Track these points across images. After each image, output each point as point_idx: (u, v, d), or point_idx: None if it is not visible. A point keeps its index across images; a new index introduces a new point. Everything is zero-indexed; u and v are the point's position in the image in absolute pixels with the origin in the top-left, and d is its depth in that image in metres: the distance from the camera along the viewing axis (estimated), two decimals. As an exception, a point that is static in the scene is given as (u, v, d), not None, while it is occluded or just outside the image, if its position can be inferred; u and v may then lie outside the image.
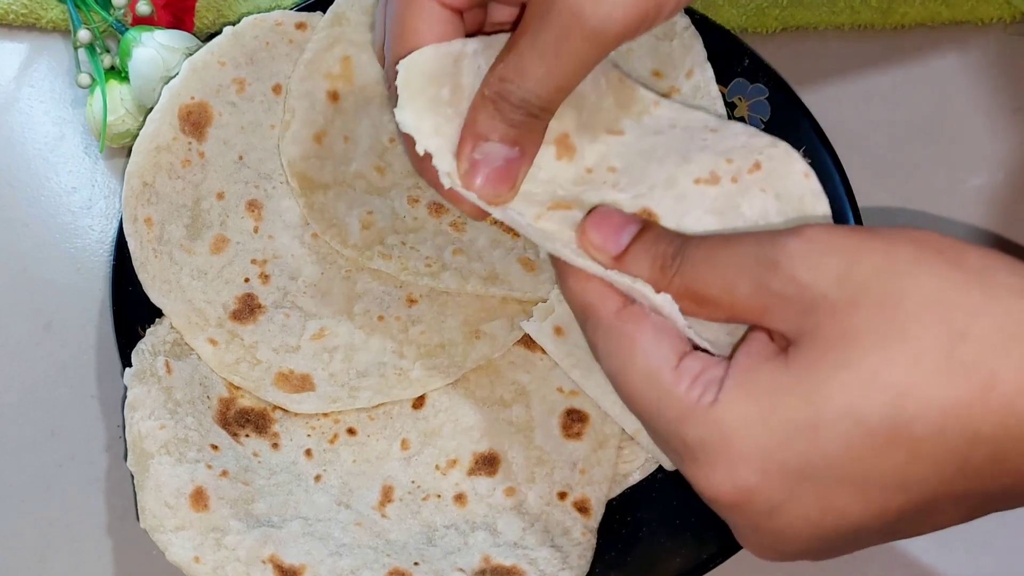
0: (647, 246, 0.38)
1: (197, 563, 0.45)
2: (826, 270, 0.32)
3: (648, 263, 0.37)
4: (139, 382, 0.48)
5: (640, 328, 0.37)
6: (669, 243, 0.37)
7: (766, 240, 0.34)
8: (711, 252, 0.36)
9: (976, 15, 0.58)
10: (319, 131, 0.52)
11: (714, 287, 0.35)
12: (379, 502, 0.48)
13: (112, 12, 0.55)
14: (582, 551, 0.48)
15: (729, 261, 0.35)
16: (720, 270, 0.35)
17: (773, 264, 0.33)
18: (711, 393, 0.34)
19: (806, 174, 0.41)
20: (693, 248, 0.36)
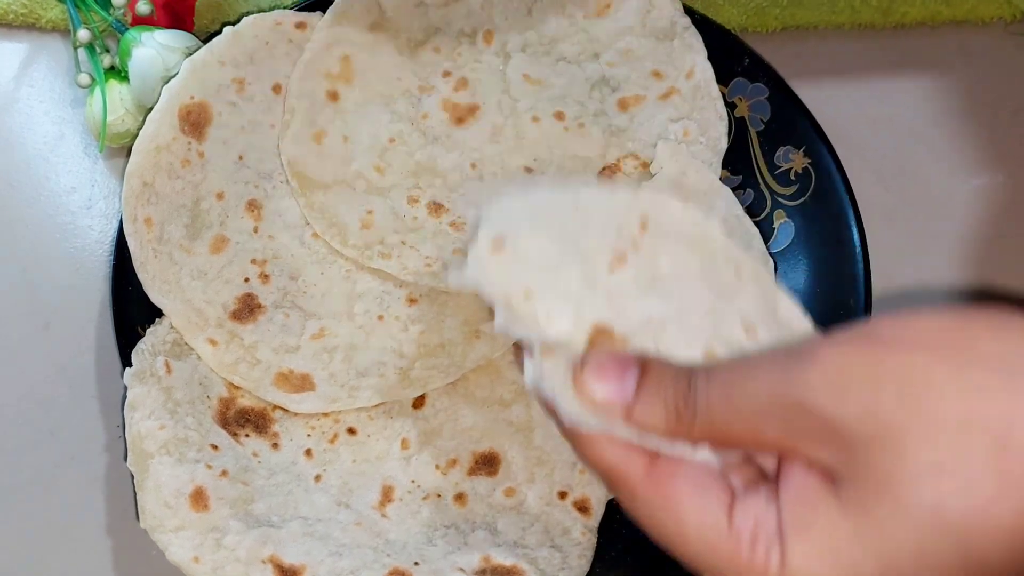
0: (655, 393, 0.34)
1: (197, 563, 0.45)
2: (852, 406, 0.31)
3: (662, 413, 0.34)
4: (139, 382, 0.48)
5: (679, 489, 0.34)
6: (676, 385, 0.34)
7: (782, 375, 0.32)
8: (726, 394, 0.33)
9: (977, 14, 0.58)
10: (319, 131, 0.52)
11: (737, 431, 0.33)
12: (379, 502, 0.48)
13: (112, 12, 0.55)
14: (582, 551, 0.48)
15: (749, 405, 0.32)
16: (742, 415, 0.33)
17: (798, 406, 0.31)
18: (775, 553, 0.32)
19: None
20: (704, 390, 0.34)
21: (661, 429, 0.34)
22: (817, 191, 0.52)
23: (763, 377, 0.32)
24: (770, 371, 0.32)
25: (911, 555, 0.30)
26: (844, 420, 0.31)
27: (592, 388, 0.35)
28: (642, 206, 0.39)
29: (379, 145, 0.53)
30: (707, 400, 0.33)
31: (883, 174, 0.57)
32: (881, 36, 0.59)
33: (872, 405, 0.30)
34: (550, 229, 0.36)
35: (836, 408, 0.31)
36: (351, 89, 0.52)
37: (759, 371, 0.33)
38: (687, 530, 0.34)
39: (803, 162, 0.53)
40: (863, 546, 0.31)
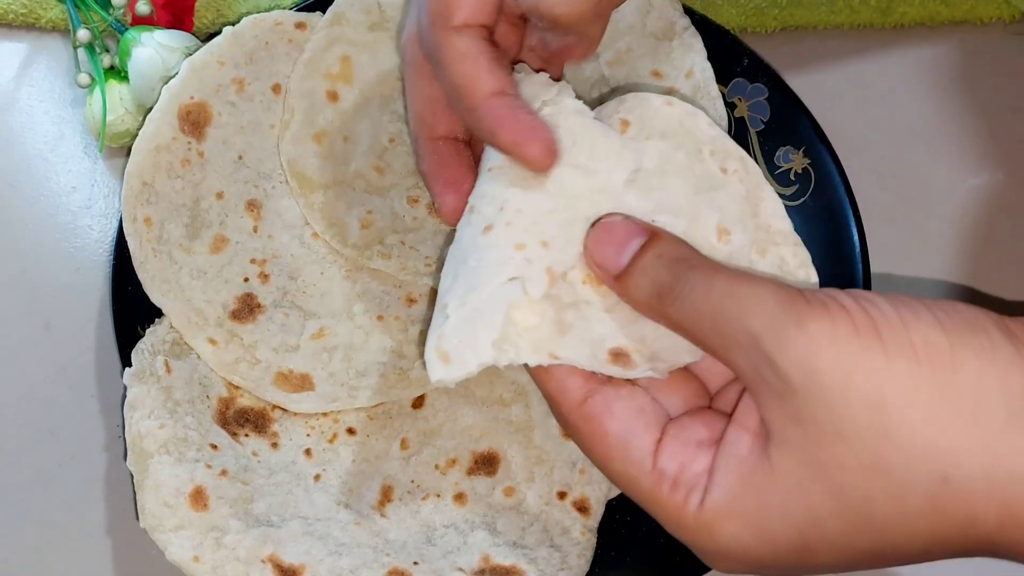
0: (647, 268, 0.36)
1: (196, 562, 0.45)
2: (822, 386, 0.31)
3: (647, 288, 0.36)
4: (139, 382, 0.48)
5: (606, 425, 0.36)
6: (672, 269, 0.35)
7: (772, 326, 0.32)
8: (715, 308, 0.34)
9: (975, 14, 0.58)
10: (319, 131, 0.52)
11: (707, 342, 0.34)
12: (378, 502, 0.48)
13: (111, 12, 0.55)
14: (581, 551, 0.48)
15: (729, 330, 0.33)
16: (719, 335, 0.34)
17: (771, 359, 0.32)
18: (696, 495, 0.34)
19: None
20: (697, 289, 0.34)
21: (640, 303, 0.36)
22: (817, 191, 0.52)
23: (754, 308, 0.33)
24: (763, 308, 0.33)
25: (817, 516, 0.32)
26: (805, 396, 0.32)
27: (593, 247, 0.37)
28: (625, 106, 0.39)
29: (379, 145, 0.53)
30: (693, 297, 0.34)
31: (883, 174, 0.57)
32: (880, 36, 0.59)
33: (837, 396, 0.31)
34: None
35: (802, 382, 0.31)
36: (351, 89, 0.52)
37: (754, 300, 0.33)
38: (613, 466, 0.36)
39: (803, 162, 0.53)
40: (781, 500, 0.32)
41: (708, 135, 0.40)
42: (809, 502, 0.32)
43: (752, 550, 0.33)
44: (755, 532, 0.33)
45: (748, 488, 0.33)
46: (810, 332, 0.31)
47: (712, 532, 0.34)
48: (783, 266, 0.40)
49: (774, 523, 0.33)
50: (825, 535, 0.32)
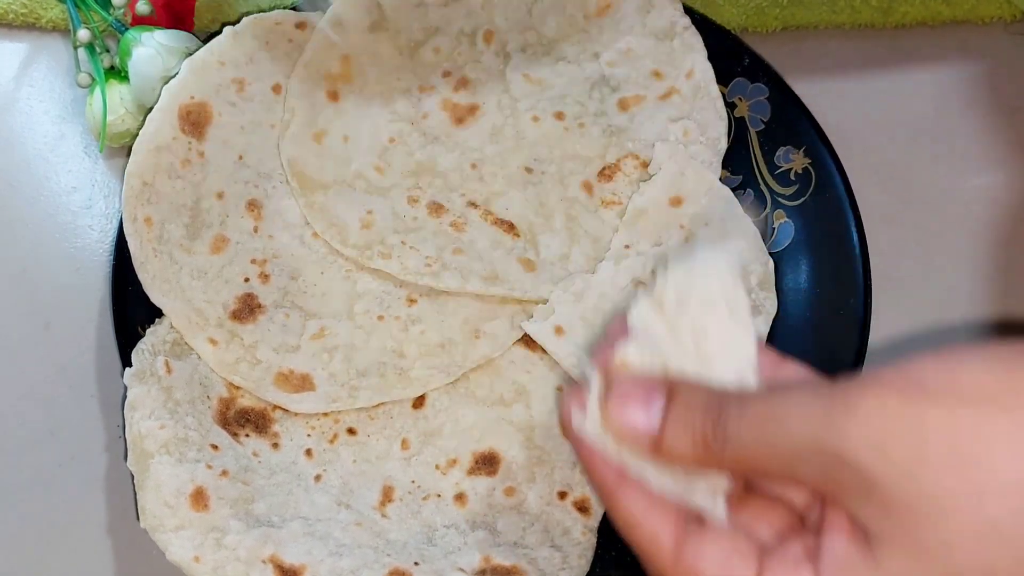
0: (682, 421, 0.34)
1: (197, 563, 0.45)
2: (895, 466, 0.29)
3: (689, 443, 0.33)
4: (139, 382, 0.48)
5: (705, 569, 0.34)
6: (706, 413, 0.33)
7: (820, 420, 0.30)
8: (760, 430, 0.32)
9: (977, 14, 0.58)
10: (319, 131, 0.52)
11: (770, 468, 0.32)
12: (379, 502, 0.48)
13: (112, 12, 0.55)
14: (582, 551, 0.48)
15: (784, 445, 0.31)
16: (776, 454, 0.32)
17: (837, 457, 0.30)
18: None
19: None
20: (736, 422, 0.33)
21: (688, 459, 0.34)
22: (817, 191, 0.52)
23: (800, 418, 0.31)
24: (808, 412, 0.31)
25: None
26: (885, 480, 0.29)
27: (617, 416, 0.35)
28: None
29: (379, 145, 0.53)
30: (738, 433, 0.32)
31: (883, 174, 0.57)
32: (881, 36, 0.59)
33: (916, 467, 0.29)
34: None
35: (877, 466, 0.29)
36: (351, 89, 0.52)
37: (796, 410, 0.31)
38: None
39: (803, 162, 0.53)
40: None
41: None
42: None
43: None
44: None
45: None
46: (861, 414, 0.29)
47: None
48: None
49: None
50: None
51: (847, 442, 0.30)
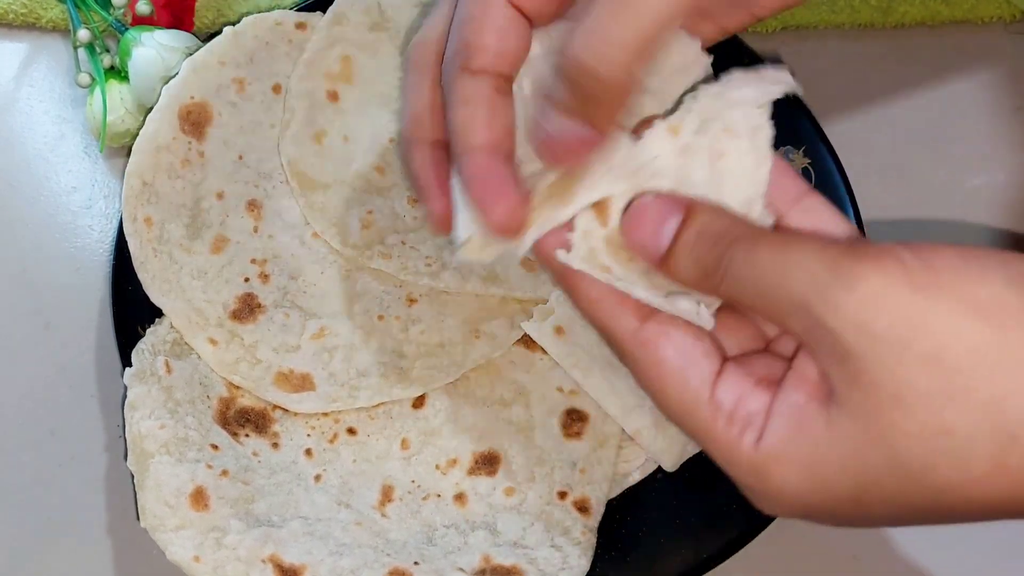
0: (690, 248, 0.35)
1: (197, 562, 0.45)
2: (880, 352, 0.31)
3: (693, 268, 0.35)
4: (139, 382, 0.48)
5: (664, 353, 0.35)
6: (715, 246, 0.34)
7: (820, 288, 0.32)
8: (761, 277, 0.33)
9: (976, 14, 0.58)
10: (319, 131, 0.52)
11: (759, 309, 0.34)
12: (379, 502, 0.48)
13: (112, 12, 0.55)
14: (582, 550, 0.48)
15: (779, 297, 0.33)
16: (769, 302, 0.33)
17: (824, 326, 0.31)
18: (752, 432, 0.33)
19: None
20: (741, 262, 0.34)
21: (687, 282, 0.35)
22: (817, 191, 0.52)
23: (801, 277, 0.32)
24: (809, 274, 0.32)
25: (875, 477, 0.31)
26: (863, 360, 0.31)
27: (630, 230, 0.36)
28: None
29: (379, 145, 0.53)
30: (739, 274, 0.34)
31: (883, 174, 0.57)
32: (881, 36, 0.59)
33: (898, 361, 0.30)
34: None
35: (859, 346, 0.31)
36: (351, 89, 0.52)
37: (799, 267, 0.32)
38: (668, 393, 0.35)
39: (803, 162, 0.53)
40: (838, 455, 0.32)
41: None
42: (867, 463, 0.31)
43: (804, 496, 0.33)
44: (810, 480, 0.32)
45: (805, 438, 0.32)
46: (860, 292, 0.30)
47: (765, 473, 0.33)
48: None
49: (830, 475, 0.32)
50: (882, 493, 0.31)
51: (837, 316, 0.31)
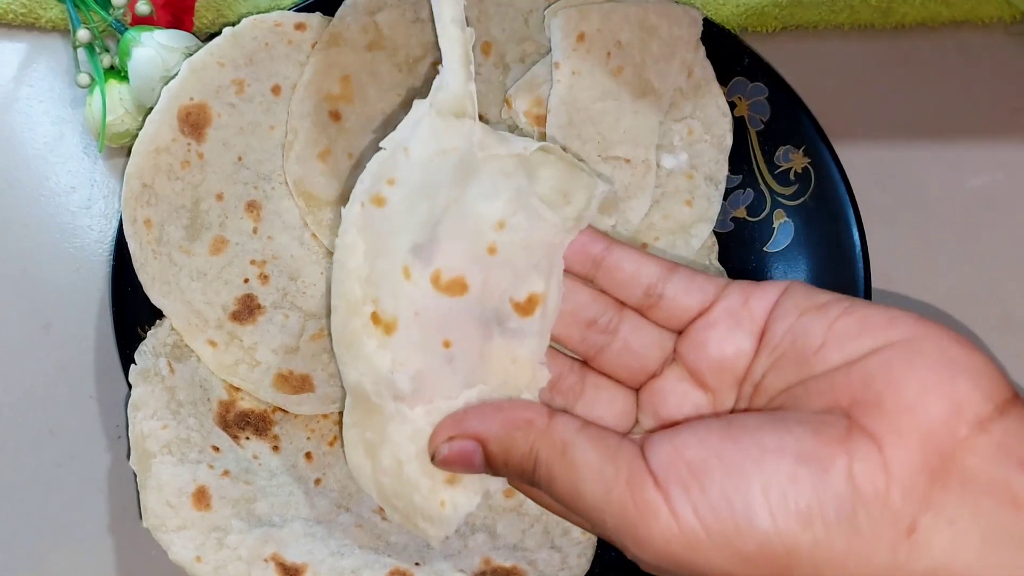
0: (504, 470, 0.38)
1: (199, 562, 0.45)
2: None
3: (517, 481, 0.38)
4: (143, 381, 0.48)
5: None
6: (520, 474, 0.37)
7: (620, 524, 0.34)
8: (566, 493, 0.35)
9: (976, 15, 0.58)
10: (323, 150, 0.52)
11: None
12: (379, 506, 0.48)
13: (111, 12, 0.55)
14: (582, 550, 0.48)
15: (589, 516, 0.35)
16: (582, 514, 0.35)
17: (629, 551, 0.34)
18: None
19: None
20: (545, 485, 0.36)
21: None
22: (817, 191, 0.52)
23: (604, 511, 0.34)
24: (613, 513, 0.33)
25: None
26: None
27: (450, 469, 0.39)
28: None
29: (383, 160, 0.53)
30: (549, 490, 0.36)
31: (883, 174, 0.57)
32: (881, 36, 0.59)
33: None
34: None
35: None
36: (352, 108, 0.52)
37: (598, 503, 0.34)
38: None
39: (803, 162, 0.53)
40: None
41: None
42: None
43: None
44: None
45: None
46: (653, 543, 0.32)
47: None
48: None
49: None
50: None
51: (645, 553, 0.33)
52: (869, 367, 0.32)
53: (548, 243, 0.40)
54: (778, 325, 0.35)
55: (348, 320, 0.39)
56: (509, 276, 0.40)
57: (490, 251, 0.39)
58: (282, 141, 0.52)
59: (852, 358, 0.32)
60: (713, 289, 0.38)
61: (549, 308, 0.40)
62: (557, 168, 0.41)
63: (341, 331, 0.40)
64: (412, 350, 0.39)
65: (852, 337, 0.33)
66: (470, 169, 0.40)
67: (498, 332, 0.40)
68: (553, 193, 0.41)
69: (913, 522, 0.29)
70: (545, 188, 0.41)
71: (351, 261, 0.39)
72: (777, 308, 0.36)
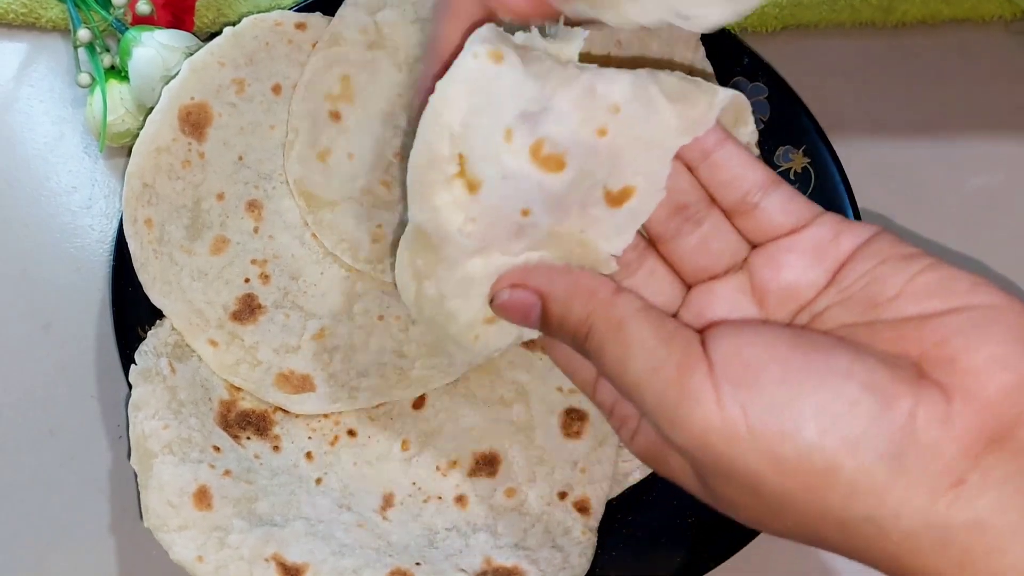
0: (557, 333, 0.38)
1: (200, 562, 0.45)
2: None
3: (569, 340, 0.38)
4: (144, 380, 0.48)
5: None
6: (574, 336, 0.37)
7: (663, 403, 0.34)
8: (616, 367, 0.36)
9: (977, 13, 0.58)
10: (323, 150, 0.52)
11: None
12: (380, 506, 0.49)
13: (112, 11, 0.55)
14: (582, 550, 0.48)
15: (632, 395, 0.35)
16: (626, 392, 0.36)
17: (668, 436, 0.34)
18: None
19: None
20: (596, 351, 0.36)
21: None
22: (817, 191, 0.52)
23: (649, 389, 0.34)
24: (656, 390, 0.34)
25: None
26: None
27: (505, 317, 0.39)
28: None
29: (384, 160, 0.53)
30: (599, 359, 0.36)
31: (883, 174, 0.57)
32: (881, 35, 0.59)
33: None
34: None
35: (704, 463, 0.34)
36: (352, 108, 0.52)
37: (646, 379, 0.34)
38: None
39: (803, 162, 0.53)
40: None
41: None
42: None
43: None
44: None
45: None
46: (697, 419, 0.32)
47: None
48: None
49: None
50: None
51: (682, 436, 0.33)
52: (947, 324, 0.32)
53: (659, 143, 0.38)
54: (857, 265, 0.35)
55: (426, 172, 0.37)
56: (610, 164, 0.38)
57: (600, 133, 0.37)
58: (282, 141, 0.52)
59: (928, 312, 0.32)
60: (808, 215, 0.37)
61: (640, 207, 0.39)
62: (677, 76, 0.39)
63: (418, 177, 0.37)
64: (488, 211, 0.37)
65: (931, 293, 0.33)
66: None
67: (578, 213, 0.38)
68: (675, 90, 0.38)
69: (961, 477, 0.30)
70: (667, 85, 0.38)
71: (447, 114, 0.36)
72: (863, 249, 0.35)
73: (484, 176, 0.36)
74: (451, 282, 0.38)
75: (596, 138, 0.37)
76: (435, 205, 0.37)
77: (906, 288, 0.33)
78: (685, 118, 0.38)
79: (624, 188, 0.38)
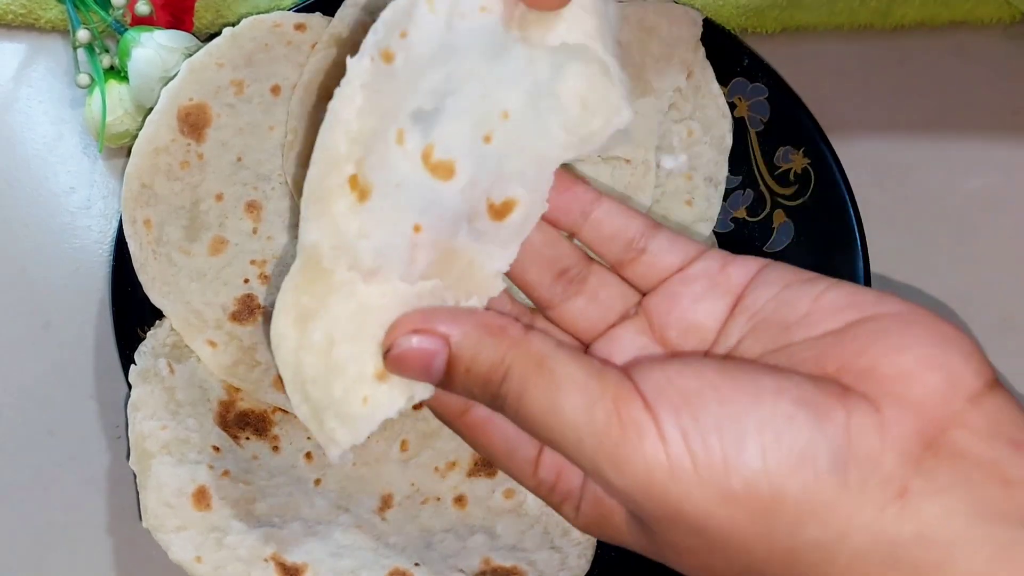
0: (464, 386, 0.34)
1: (198, 563, 0.45)
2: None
3: (478, 394, 0.35)
4: (143, 381, 0.48)
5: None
6: (484, 387, 0.34)
7: (598, 450, 0.32)
8: (536, 417, 0.33)
9: (975, 16, 0.58)
10: None
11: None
12: (378, 507, 0.49)
13: (111, 12, 0.55)
14: (582, 551, 0.48)
15: (559, 443, 0.33)
16: (551, 440, 0.33)
17: (607, 483, 0.32)
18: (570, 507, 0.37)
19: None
20: (513, 405, 0.33)
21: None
22: (817, 191, 0.52)
23: (581, 438, 0.32)
24: (590, 440, 0.32)
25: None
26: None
27: (401, 373, 0.34)
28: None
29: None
30: (516, 413, 0.33)
31: (883, 174, 0.57)
32: (880, 37, 0.59)
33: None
34: None
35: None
36: None
37: (574, 426, 0.32)
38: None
39: (803, 162, 0.53)
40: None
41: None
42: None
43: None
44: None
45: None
46: (631, 472, 0.31)
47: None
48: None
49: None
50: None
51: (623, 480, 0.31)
52: (862, 334, 0.32)
53: (543, 155, 0.36)
54: (759, 293, 0.35)
55: (325, 176, 0.34)
56: (494, 174, 0.36)
57: (486, 140, 0.35)
58: (281, 141, 0.52)
59: (842, 325, 0.32)
60: (694, 251, 0.37)
61: (522, 220, 0.37)
62: (589, 73, 0.36)
63: (314, 186, 0.35)
64: (381, 223, 0.34)
65: (840, 309, 0.32)
66: (501, 47, 0.35)
67: (465, 230, 0.36)
68: (574, 95, 0.36)
69: (904, 485, 0.29)
70: (568, 85, 0.36)
71: (344, 112, 0.34)
72: (758, 278, 0.35)
73: (377, 182, 0.34)
74: (342, 317, 0.34)
75: (483, 145, 0.36)
76: (332, 213, 0.34)
77: (814, 306, 0.33)
78: (574, 134, 0.36)
79: (506, 200, 0.37)
